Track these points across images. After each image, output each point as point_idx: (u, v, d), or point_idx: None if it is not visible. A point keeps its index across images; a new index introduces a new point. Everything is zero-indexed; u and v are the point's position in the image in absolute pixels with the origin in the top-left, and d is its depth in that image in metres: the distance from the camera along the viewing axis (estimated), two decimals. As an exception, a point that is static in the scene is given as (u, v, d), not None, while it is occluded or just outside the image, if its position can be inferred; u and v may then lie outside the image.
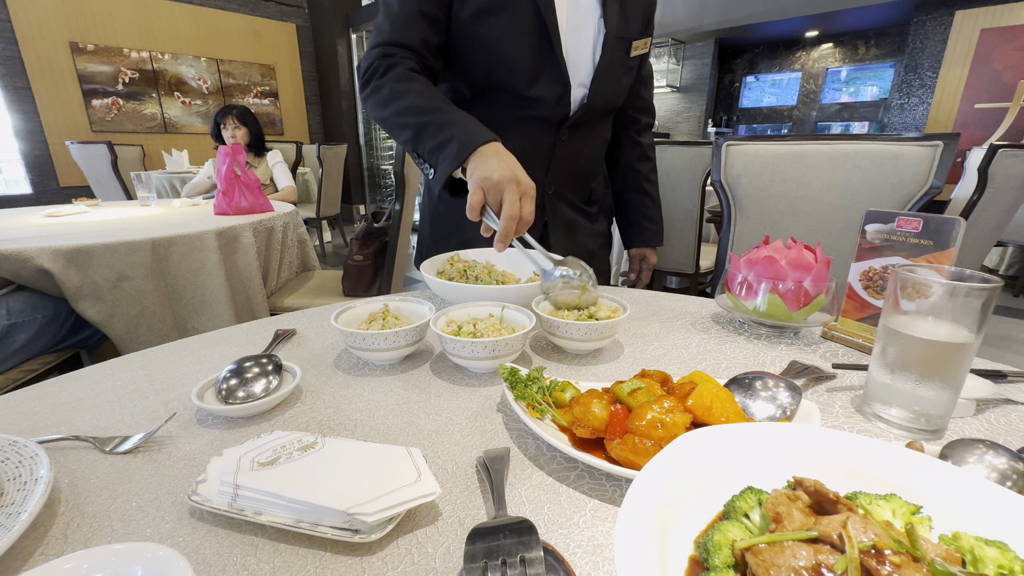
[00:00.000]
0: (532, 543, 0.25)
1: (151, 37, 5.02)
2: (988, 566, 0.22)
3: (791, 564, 0.20)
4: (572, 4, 0.84)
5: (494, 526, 0.27)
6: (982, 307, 0.39)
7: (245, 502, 0.32)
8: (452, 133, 0.70)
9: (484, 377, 0.54)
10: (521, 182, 0.64)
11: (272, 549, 0.31)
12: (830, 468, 0.28)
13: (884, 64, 7.09)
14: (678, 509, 0.26)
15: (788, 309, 0.63)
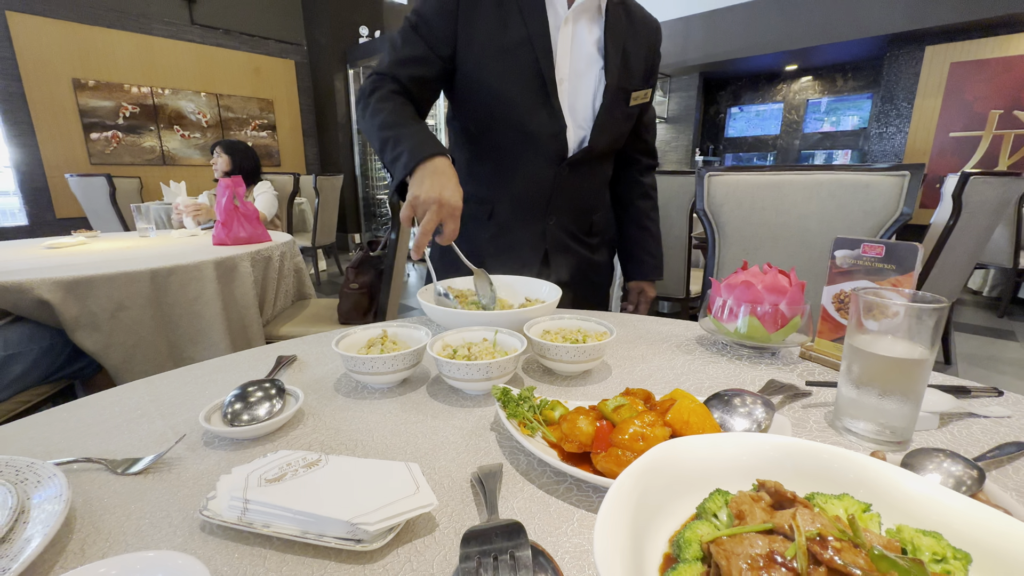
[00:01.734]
0: (521, 542, 0.27)
1: (153, 73, 5.16)
2: (924, 553, 0.24)
3: (748, 552, 0.23)
4: (574, 54, 0.91)
5: (486, 528, 0.29)
6: (935, 326, 0.43)
7: (254, 515, 0.34)
8: (405, 146, 0.78)
9: (478, 398, 0.56)
10: (444, 203, 0.72)
11: (280, 559, 0.33)
12: (792, 473, 0.31)
13: (862, 95, 7.39)
14: (655, 512, 0.29)
15: (766, 331, 0.67)
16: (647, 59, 0.98)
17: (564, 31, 0.90)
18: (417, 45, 0.90)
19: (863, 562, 0.22)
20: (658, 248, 1.13)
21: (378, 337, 0.62)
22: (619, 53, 0.92)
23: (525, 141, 0.93)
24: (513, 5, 0.89)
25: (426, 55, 0.90)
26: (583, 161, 0.96)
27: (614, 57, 0.92)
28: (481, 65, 0.90)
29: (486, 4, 0.89)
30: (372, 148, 0.89)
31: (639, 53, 0.96)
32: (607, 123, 0.94)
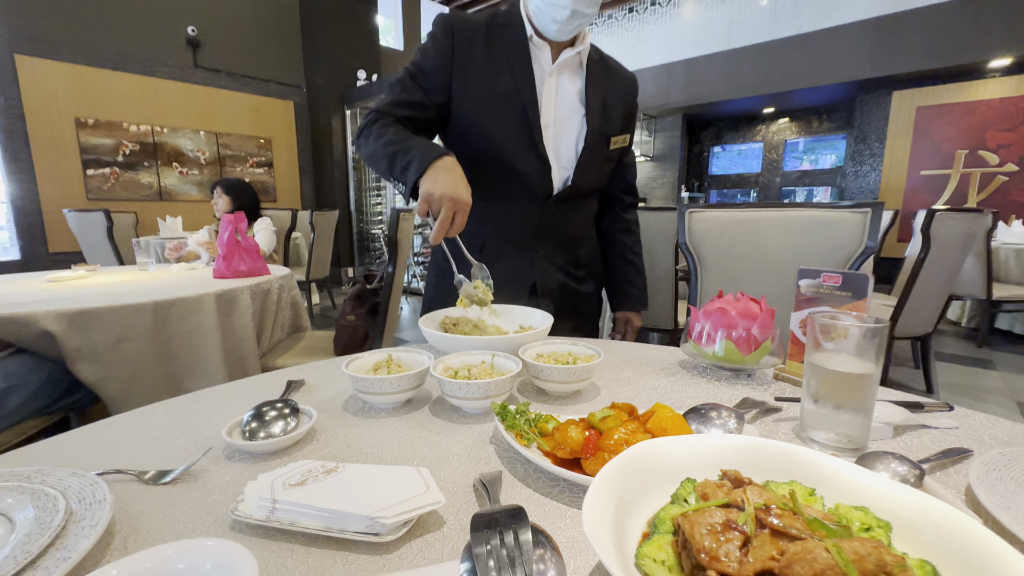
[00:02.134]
0: (523, 522, 0.32)
1: (155, 113, 5.31)
2: (854, 523, 0.29)
3: (708, 521, 0.28)
4: (558, 103, 1.01)
5: (492, 511, 0.34)
6: (878, 344, 0.49)
7: (281, 514, 0.39)
8: (414, 154, 0.86)
9: (478, 416, 0.61)
10: (457, 199, 0.79)
11: (305, 552, 0.37)
12: (751, 465, 0.36)
13: (836, 136, 7.76)
14: (635, 500, 0.34)
15: (741, 353, 0.73)
16: (625, 108, 1.09)
17: (549, 83, 1.00)
18: (415, 92, 1.00)
19: (800, 525, 0.27)
20: (642, 280, 1.20)
21: (384, 360, 0.67)
22: (599, 102, 1.02)
23: (513, 180, 1.01)
24: (503, 60, 0.99)
25: (423, 101, 1.00)
26: (567, 199, 1.04)
27: (594, 106, 1.01)
28: (474, 112, 0.99)
29: (478, 58, 0.99)
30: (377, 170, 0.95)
31: (617, 103, 1.06)
32: (588, 164, 1.03)
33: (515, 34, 0.99)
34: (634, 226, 1.21)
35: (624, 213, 1.19)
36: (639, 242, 1.21)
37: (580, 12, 0.90)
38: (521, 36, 0.99)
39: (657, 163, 8.32)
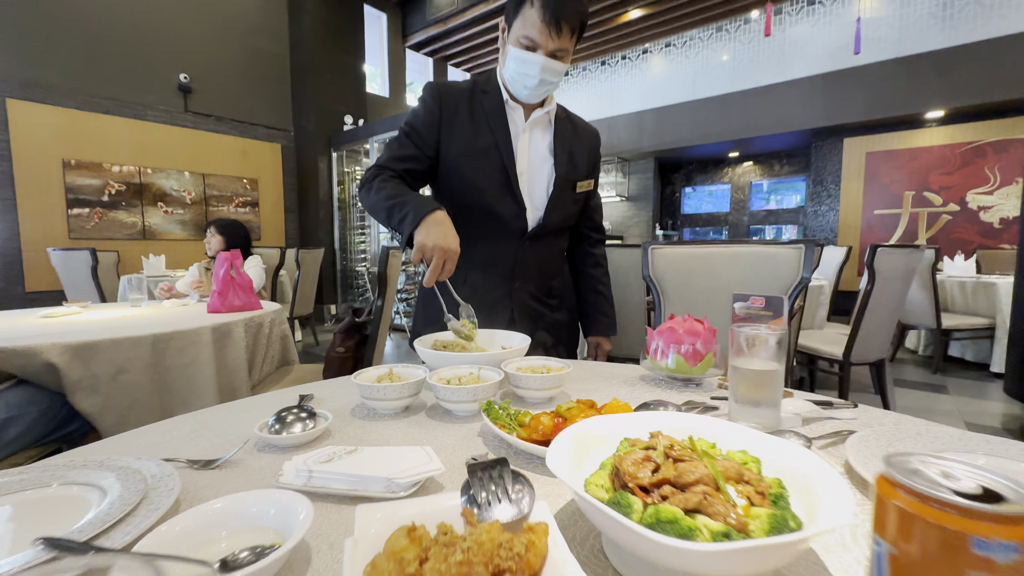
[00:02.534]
0: (505, 464, 0.44)
1: (143, 155, 5.42)
2: (735, 458, 0.42)
3: (632, 458, 0.40)
4: (531, 154, 1.18)
5: (482, 458, 0.45)
6: (778, 346, 0.63)
7: (316, 481, 0.49)
8: (409, 208, 0.99)
9: (467, 418, 0.72)
10: (447, 249, 0.93)
11: (337, 508, 0.47)
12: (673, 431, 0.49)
13: (797, 178, 8.28)
14: (587, 456, 0.46)
15: (689, 365, 0.86)
16: (588, 157, 1.26)
17: (523, 138, 1.18)
18: (410, 148, 1.16)
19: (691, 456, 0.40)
20: (611, 308, 1.34)
21: (386, 374, 0.78)
22: (565, 153, 1.20)
23: (493, 220, 1.17)
24: (483, 120, 1.16)
25: (417, 155, 1.16)
26: (540, 236, 1.20)
27: (561, 156, 1.19)
28: (459, 163, 1.16)
29: (462, 118, 1.16)
30: (377, 219, 1.09)
31: (582, 153, 1.24)
32: (557, 206, 1.19)
33: (493, 98, 1.17)
34: (602, 260, 1.36)
35: (592, 249, 1.35)
36: (607, 274, 1.36)
37: (546, 81, 1.08)
38: (498, 99, 1.17)
39: (632, 203, 8.72)
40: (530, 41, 1.04)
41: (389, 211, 1.03)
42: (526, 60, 1.05)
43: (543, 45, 1.03)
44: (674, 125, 7.34)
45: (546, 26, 1.01)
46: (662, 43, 8.02)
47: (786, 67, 6.77)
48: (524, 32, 1.03)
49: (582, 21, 1.06)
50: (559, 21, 1.00)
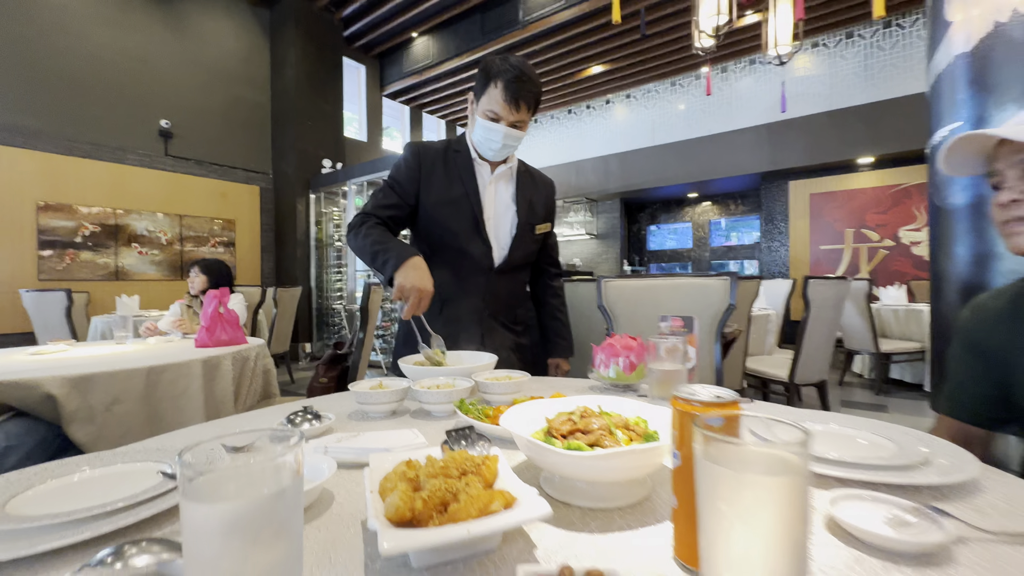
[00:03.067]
0: (474, 430, 0.61)
1: (120, 198, 5.48)
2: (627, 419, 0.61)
3: (559, 421, 0.59)
4: (497, 202, 1.40)
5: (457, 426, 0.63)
6: (683, 348, 0.84)
7: (331, 454, 0.65)
8: (392, 254, 1.18)
9: (443, 418, 0.89)
10: (422, 289, 1.12)
11: (348, 473, 0.63)
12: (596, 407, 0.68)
13: (751, 217, 8.87)
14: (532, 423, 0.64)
15: (626, 374, 1.06)
16: (546, 204, 1.49)
17: (490, 188, 1.39)
18: (393, 198, 1.37)
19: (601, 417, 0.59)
20: (568, 333, 1.55)
21: (377, 384, 0.95)
22: (526, 201, 1.42)
23: (465, 258, 1.37)
24: (456, 174, 1.38)
25: (399, 204, 1.37)
26: (505, 271, 1.40)
27: (522, 204, 1.41)
28: (435, 211, 1.37)
29: (438, 173, 1.38)
30: (362, 260, 1.26)
31: (539, 200, 1.47)
32: (519, 245, 1.40)
33: (464, 156, 1.39)
34: (560, 291, 1.57)
35: (551, 281, 1.56)
36: (564, 303, 1.57)
37: (508, 145, 1.31)
38: (468, 157, 1.39)
39: (600, 240, 9.13)
40: (494, 114, 1.27)
41: (374, 255, 1.22)
42: (491, 128, 1.28)
43: (505, 117, 1.27)
44: (637, 168, 7.86)
45: (507, 103, 1.24)
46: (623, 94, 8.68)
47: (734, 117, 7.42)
48: (489, 107, 1.27)
49: (536, 99, 1.29)
50: (517, 100, 1.24)
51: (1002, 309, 0.84)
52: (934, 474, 0.55)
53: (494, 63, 1.26)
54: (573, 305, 2.20)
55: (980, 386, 0.87)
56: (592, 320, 2.71)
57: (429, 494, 0.42)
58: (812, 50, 6.85)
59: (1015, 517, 0.48)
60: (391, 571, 0.41)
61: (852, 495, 0.49)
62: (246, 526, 0.30)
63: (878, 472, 0.55)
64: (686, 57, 6.93)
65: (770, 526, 0.30)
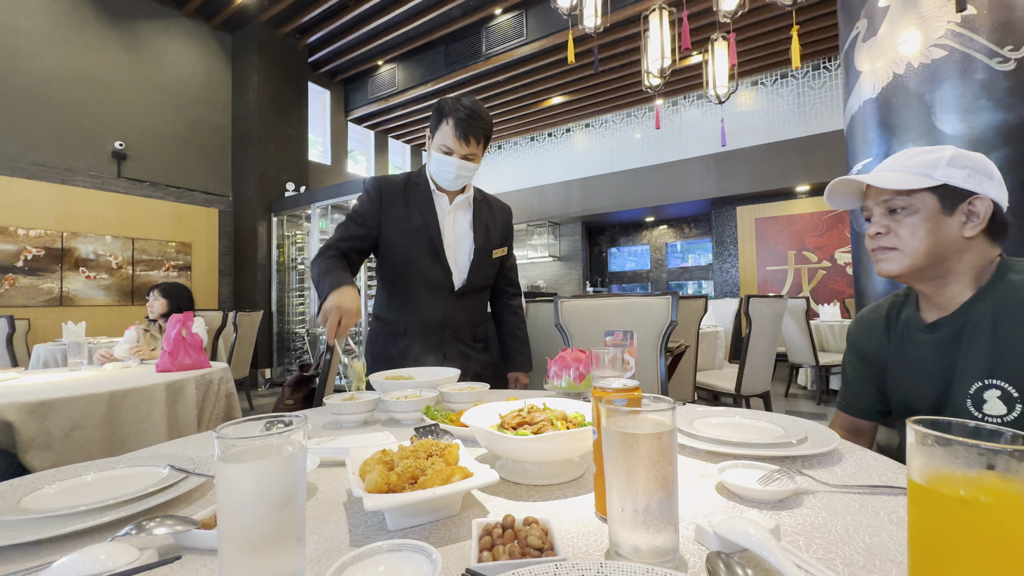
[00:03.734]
0: (439, 426, 0.72)
1: (67, 220, 5.27)
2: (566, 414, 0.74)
3: (510, 416, 0.70)
4: (455, 230, 1.52)
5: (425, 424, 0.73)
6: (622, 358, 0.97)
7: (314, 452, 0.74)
8: (328, 284, 1.25)
9: (411, 425, 0.98)
10: (341, 308, 1.18)
11: (328, 469, 0.72)
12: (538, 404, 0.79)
13: (704, 240, 9.38)
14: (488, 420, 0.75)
15: (576, 384, 1.19)
16: (502, 230, 1.60)
17: (448, 218, 1.50)
18: (356, 230, 1.46)
19: (545, 412, 0.71)
20: (526, 348, 1.66)
21: (349, 397, 1.03)
22: (483, 228, 1.53)
23: (426, 283, 1.46)
24: (415, 205, 1.47)
25: (361, 235, 1.46)
26: (465, 293, 1.51)
27: (479, 231, 1.52)
28: (397, 240, 1.46)
29: (399, 205, 1.47)
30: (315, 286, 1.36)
31: (496, 227, 1.57)
32: (477, 270, 1.51)
33: (424, 188, 1.49)
34: (518, 310, 1.69)
35: (510, 300, 1.68)
36: (523, 321, 1.69)
37: (462, 176, 1.42)
38: (427, 189, 1.49)
39: (563, 262, 9.40)
40: (447, 148, 1.38)
41: (318, 284, 1.32)
42: (445, 161, 1.40)
43: (457, 151, 1.38)
44: (597, 193, 8.22)
45: (458, 139, 1.36)
46: (582, 123, 9.10)
47: (685, 147, 7.93)
48: (443, 142, 1.38)
49: (486, 134, 1.41)
50: (467, 136, 1.36)
51: (878, 320, 1.03)
52: (804, 448, 0.69)
53: (447, 103, 1.39)
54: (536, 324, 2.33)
55: (864, 385, 1.05)
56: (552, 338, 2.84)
57: (402, 470, 0.53)
58: (752, 87, 7.46)
59: (858, 477, 0.63)
60: (371, 534, 0.51)
61: (737, 464, 0.63)
62: (267, 484, 0.40)
63: (761, 448, 0.69)
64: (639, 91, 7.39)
65: (647, 467, 0.43)
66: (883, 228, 0.90)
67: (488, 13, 6.22)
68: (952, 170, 0.83)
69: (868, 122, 2.74)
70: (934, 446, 0.35)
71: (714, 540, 0.45)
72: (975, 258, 0.86)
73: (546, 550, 0.43)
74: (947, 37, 2.42)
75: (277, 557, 0.40)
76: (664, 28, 3.35)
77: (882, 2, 2.68)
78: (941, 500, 0.35)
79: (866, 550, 0.45)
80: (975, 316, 0.85)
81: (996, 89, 2.30)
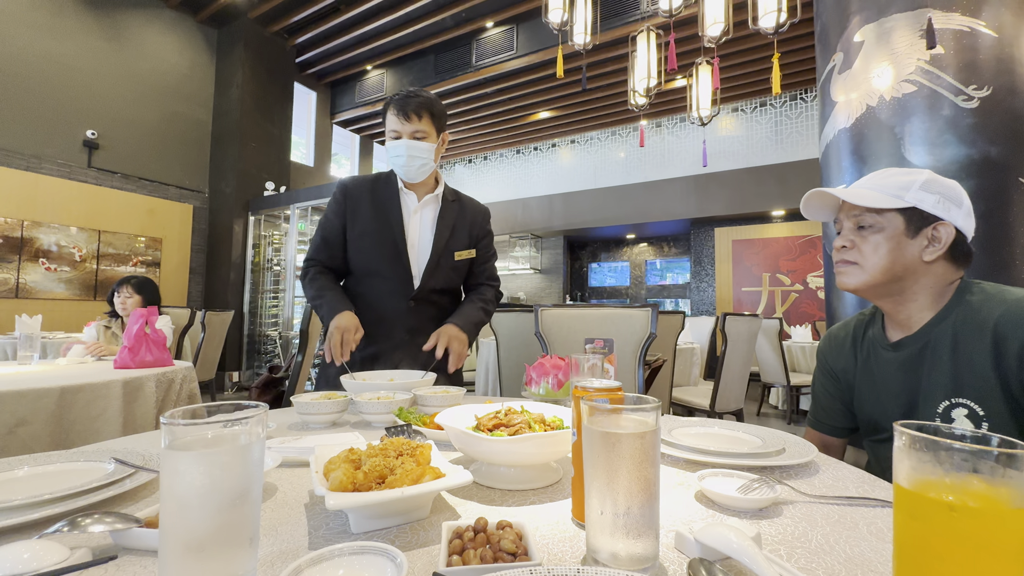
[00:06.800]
0: (411, 427, 0.69)
1: (29, 209, 5.04)
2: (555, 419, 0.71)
3: (487, 418, 0.68)
4: (420, 231, 1.44)
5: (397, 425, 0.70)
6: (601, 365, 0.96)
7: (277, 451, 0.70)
8: (327, 309, 1.32)
9: (382, 428, 0.95)
10: (339, 326, 1.24)
11: (290, 470, 0.68)
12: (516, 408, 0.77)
13: (682, 259, 9.54)
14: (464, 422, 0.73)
15: (554, 390, 1.16)
16: (471, 231, 1.49)
17: (414, 218, 1.43)
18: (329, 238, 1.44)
19: (522, 415, 0.68)
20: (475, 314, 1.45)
21: (318, 398, 0.99)
22: (447, 228, 1.44)
23: (388, 284, 1.42)
24: (381, 205, 1.43)
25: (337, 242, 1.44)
26: (423, 298, 1.43)
27: (443, 231, 1.44)
28: (360, 240, 1.42)
29: (364, 204, 1.43)
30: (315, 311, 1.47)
31: (464, 228, 1.48)
32: (435, 272, 1.43)
33: (391, 187, 1.44)
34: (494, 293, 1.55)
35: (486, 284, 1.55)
36: (493, 300, 1.54)
37: (415, 157, 1.34)
38: (395, 188, 1.43)
39: (544, 275, 9.43)
40: (394, 132, 1.35)
41: (316, 304, 1.38)
42: (395, 146, 1.35)
43: (403, 131, 1.33)
44: (579, 208, 8.29)
45: (398, 117, 1.33)
46: (568, 139, 9.22)
47: (667, 167, 8.10)
48: (390, 127, 1.35)
49: (429, 109, 1.35)
50: (407, 111, 1.32)
51: (845, 337, 1.04)
52: (782, 459, 0.69)
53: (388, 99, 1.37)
54: (515, 333, 2.31)
55: (832, 401, 1.06)
56: (532, 347, 2.82)
57: (369, 468, 0.50)
58: (732, 114, 7.70)
59: (834, 488, 0.63)
60: (332, 537, 0.48)
61: (716, 473, 0.62)
62: (219, 475, 0.37)
63: (740, 458, 0.68)
64: (625, 111, 7.55)
65: (629, 469, 0.41)
66: (848, 242, 0.91)
67: (480, 25, 6.28)
68: (923, 194, 0.85)
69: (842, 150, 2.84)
70: (922, 450, 0.34)
71: (695, 547, 0.43)
72: (932, 281, 0.87)
73: (520, 555, 0.40)
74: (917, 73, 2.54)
75: (225, 558, 0.36)
76: (651, 49, 3.42)
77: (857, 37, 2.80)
78: (928, 505, 0.34)
79: (847, 560, 0.44)
80: (936, 336, 0.87)
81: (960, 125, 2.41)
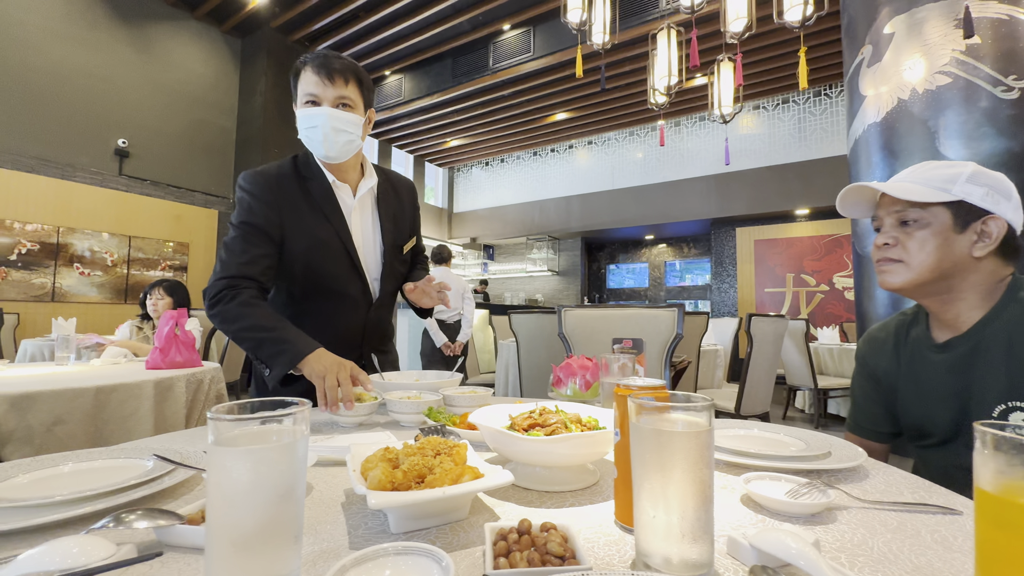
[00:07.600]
0: (445, 427, 0.68)
1: (64, 215, 5.23)
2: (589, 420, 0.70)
3: (521, 418, 0.67)
4: (363, 229, 1.25)
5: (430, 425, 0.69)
6: (632, 365, 0.94)
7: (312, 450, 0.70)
8: (285, 347, 0.97)
9: (412, 428, 0.94)
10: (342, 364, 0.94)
11: (324, 468, 0.68)
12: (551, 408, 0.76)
13: (703, 260, 9.40)
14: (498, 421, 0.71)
15: (582, 391, 1.15)
16: (410, 214, 1.34)
17: (355, 217, 1.22)
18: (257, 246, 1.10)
19: (558, 414, 0.67)
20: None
21: (348, 396, 0.99)
22: (390, 219, 1.27)
23: (344, 299, 1.22)
24: (318, 208, 1.17)
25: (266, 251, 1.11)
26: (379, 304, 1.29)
27: (387, 225, 1.26)
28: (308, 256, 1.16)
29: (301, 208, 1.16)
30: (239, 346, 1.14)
31: (404, 213, 1.32)
32: (390, 273, 1.28)
33: (320, 184, 1.17)
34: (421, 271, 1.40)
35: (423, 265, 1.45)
36: None
37: (340, 129, 1.08)
38: (326, 183, 1.17)
39: (562, 277, 9.39)
40: (312, 96, 1.08)
41: (258, 343, 1.00)
42: (312, 115, 1.07)
43: (323, 96, 1.07)
44: (597, 210, 8.25)
45: (319, 77, 1.06)
46: (585, 140, 9.18)
47: (687, 167, 7.99)
48: (305, 91, 1.08)
49: (356, 74, 1.12)
50: (331, 72, 1.07)
51: (886, 339, 1.00)
52: (830, 462, 0.66)
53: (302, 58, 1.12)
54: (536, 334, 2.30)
55: (874, 405, 1.01)
56: (552, 348, 2.81)
57: (408, 467, 0.49)
58: (754, 111, 7.56)
59: (887, 493, 0.59)
60: (372, 536, 0.47)
61: (762, 476, 0.59)
62: (266, 472, 0.36)
63: (786, 461, 0.66)
64: (643, 110, 7.48)
65: (684, 469, 0.39)
66: (892, 239, 0.87)
67: (496, 28, 6.31)
68: (970, 187, 0.81)
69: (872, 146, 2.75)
70: (1011, 452, 0.32)
71: (750, 554, 0.41)
72: (982, 278, 0.83)
73: (568, 558, 0.39)
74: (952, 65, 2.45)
75: (272, 555, 0.36)
76: (672, 47, 3.38)
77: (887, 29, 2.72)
78: (1017, 512, 0.31)
79: (915, 570, 0.41)
80: (989, 336, 0.82)
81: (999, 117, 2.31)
